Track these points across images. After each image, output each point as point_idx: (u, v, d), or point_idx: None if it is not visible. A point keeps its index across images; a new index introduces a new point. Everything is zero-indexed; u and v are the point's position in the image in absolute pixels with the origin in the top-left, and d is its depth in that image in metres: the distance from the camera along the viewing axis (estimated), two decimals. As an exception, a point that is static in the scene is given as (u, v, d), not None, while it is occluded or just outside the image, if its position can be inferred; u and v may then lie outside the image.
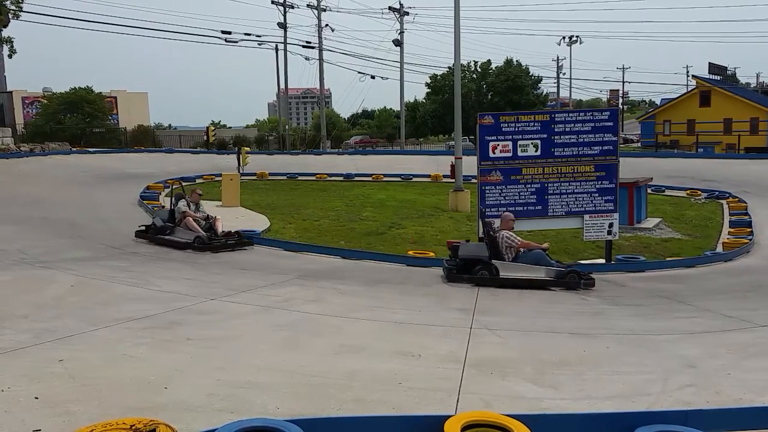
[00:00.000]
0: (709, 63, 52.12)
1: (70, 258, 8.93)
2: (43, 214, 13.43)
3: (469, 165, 16.01)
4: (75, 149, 28.85)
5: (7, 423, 3.25)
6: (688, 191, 21.54)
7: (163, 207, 11.75)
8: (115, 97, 58.29)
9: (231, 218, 14.91)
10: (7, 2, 24.15)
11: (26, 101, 55.60)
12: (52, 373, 4.02)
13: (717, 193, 20.68)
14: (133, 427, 2.94)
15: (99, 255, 9.40)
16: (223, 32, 37.89)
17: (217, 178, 21.20)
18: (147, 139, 42.13)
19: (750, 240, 12.89)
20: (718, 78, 52.13)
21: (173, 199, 11.42)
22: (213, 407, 3.56)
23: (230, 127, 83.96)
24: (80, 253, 9.52)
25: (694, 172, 24.98)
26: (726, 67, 56.93)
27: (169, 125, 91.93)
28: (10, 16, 24.80)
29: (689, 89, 55.06)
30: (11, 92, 30.83)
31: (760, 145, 41.73)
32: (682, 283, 9.08)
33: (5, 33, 25.16)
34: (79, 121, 38.82)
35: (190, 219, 10.88)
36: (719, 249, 12.70)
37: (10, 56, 25.54)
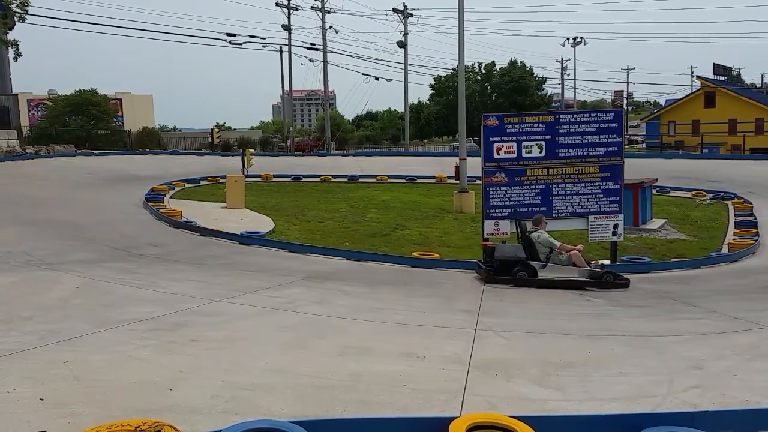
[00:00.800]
0: (714, 64, 51.98)
1: (76, 260, 8.94)
2: (49, 216, 13.46)
3: (474, 166, 16.00)
4: (80, 151, 28.92)
5: (12, 424, 3.26)
6: (693, 192, 21.49)
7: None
8: (120, 99, 58.56)
9: (236, 220, 14.95)
10: (13, 5, 24.25)
11: (32, 104, 55.93)
12: (57, 374, 4.03)
13: (722, 193, 20.63)
14: (138, 429, 2.94)
15: (104, 257, 9.42)
16: (228, 34, 38.16)
17: (222, 180, 21.23)
18: (152, 141, 42.24)
19: (756, 241, 12.85)
20: (723, 79, 52.00)
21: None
22: (218, 409, 3.56)
23: (235, 129, 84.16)
24: (85, 254, 9.53)
25: (699, 172, 24.92)
26: (731, 68, 56.77)
27: (174, 127, 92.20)
28: (16, 19, 24.91)
29: (694, 90, 54.90)
30: (17, 95, 30.94)
31: (765, 146, 41.54)
32: (687, 284, 9.05)
33: (11, 36, 25.26)
34: (84, 123, 38.98)
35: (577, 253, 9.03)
36: (725, 250, 12.67)
37: (15, 59, 25.60)
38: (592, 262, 9.11)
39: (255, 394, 3.83)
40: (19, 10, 24.48)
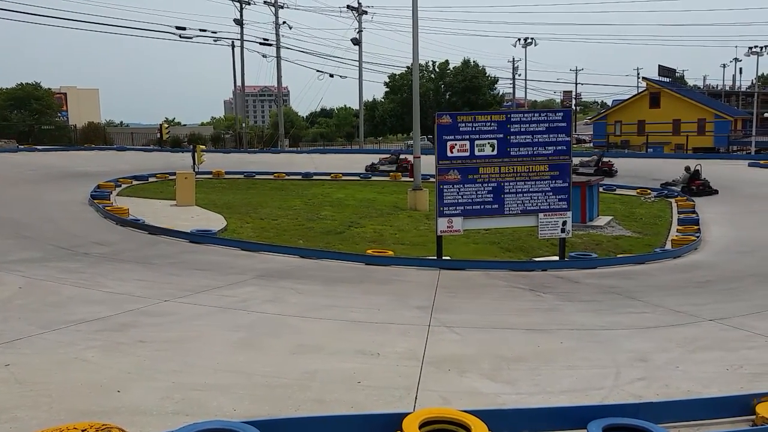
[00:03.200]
0: (659, 65, 53.72)
1: (17, 259, 8.63)
2: (-12, 214, 12.93)
3: (428, 164, 16.11)
4: (22, 147, 27.90)
5: (-51, 431, 3.13)
6: (638, 190, 22.16)
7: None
8: (65, 94, 56.77)
9: (186, 218, 14.67)
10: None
11: (-30, 97, 53.54)
12: (-3, 378, 3.89)
13: (666, 192, 21.35)
14: (85, 432, 2.86)
15: (48, 256, 9.11)
16: (178, 28, 37.27)
17: (172, 177, 20.79)
18: (98, 136, 41.05)
19: (697, 237, 13.34)
20: (668, 80, 53.76)
21: None
22: (167, 410, 3.50)
23: (185, 125, 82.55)
24: (28, 254, 9.21)
25: (644, 171, 25.76)
26: (675, 70, 58.71)
27: (121, 122, 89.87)
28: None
29: (640, 91, 56.62)
30: (-46, 87, 29.65)
31: (707, 146, 43.26)
32: (632, 280, 9.33)
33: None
34: (26, 117, 37.63)
35: None
36: (668, 246, 13.10)
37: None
38: None
39: (206, 395, 3.78)
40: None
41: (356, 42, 43.26)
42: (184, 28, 37.33)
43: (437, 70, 56.51)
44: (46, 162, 19.63)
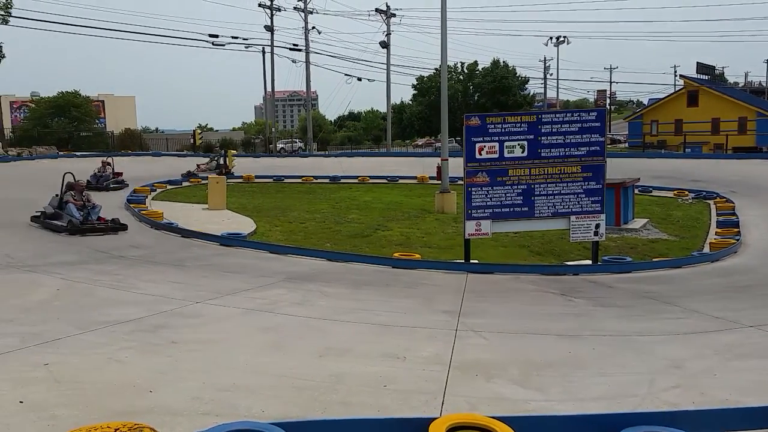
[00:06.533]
0: (697, 62, 52.48)
1: (57, 262, 8.87)
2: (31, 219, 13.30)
3: (456, 167, 16.03)
4: (62, 153, 28.62)
5: (-11, 428, 3.22)
6: (675, 192, 21.67)
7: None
8: (103, 101, 58.09)
9: (217, 221, 14.86)
10: (-4, 8, 23.98)
11: (14, 105, 55.28)
12: (37, 377, 4.00)
13: (704, 193, 20.82)
14: (118, 431, 2.92)
15: (85, 259, 9.34)
16: (210, 35, 37.93)
17: (204, 181, 21.10)
18: (134, 142, 41.93)
19: (737, 240, 12.97)
20: (706, 78, 52.48)
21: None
22: (198, 411, 3.54)
23: (217, 130, 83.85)
24: (66, 257, 9.45)
25: (681, 172, 25.16)
26: (714, 67, 57.36)
27: (156, 129, 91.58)
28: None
29: (677, 89, 55.46)
30: None
31: (748, 145, 42.05)
32: (668, 284, 9.12)
33: (-7, 38, 24.94)
34: (66, 125, 38.60)
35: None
36: (706, 249, 12.77)
37: (-1, 61, 25.37)
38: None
39: (235, 396, 3.82)
40: (2, 12, 24.21)
41: (384, 45, 43.34)
42: (216, 36, 37.98)
43: (466, 71, 56.19)
44: (84, 168, 20.06)
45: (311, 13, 42.83)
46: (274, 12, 42.16)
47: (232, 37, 38.88)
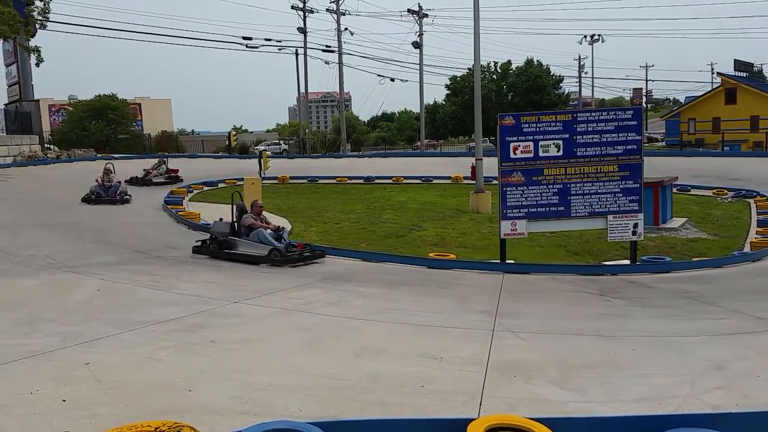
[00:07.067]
0: (735, 59, 51.10)
1: (96, 262, 9.07)
2: (70, 219, 13.65)
3: (491, 166, 15.92)
4: (100, 155, 29.26)
5: (35, 425, 3.31)
6: (714, 190, 21.16)
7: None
8: (139, 104, 59.23)
9: (253, 222, 15.00)
10: (35, 12, 24.64)
11: (53, 109, 56.73)
12: (79, 375, 4.09)
13: (744, 191, 20.29)
14: (158, 429, 2.96)
15: (124, 259, 9.54)
16: (244, 38, 38.39)
17: (239, 182, 21.35)
18: (171, 144, 42.60)
19: (779, 239, 12.61)
20: (744, 75, 51.13)
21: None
22: (236, 409, 3.58)
23: (251, 132, 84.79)
24: (106, 257, 9.66)
25: (720, 170, 24.53)
26: (752, 64, 55.72)
27: (192, 131, 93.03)
28: (37, 26, 25.31)
29: (714, 87, 54.14)
30: (38, 100, 31.39)
31: (787, 143, 40.83)
32: (709, 284, 8.91)
33: (32, 42, 25.69)
34: (103, 127, 39.41)
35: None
36: (747, 249, 12.46)
37: (37, 65, 26.03)
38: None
39: (273, 395, 3.85)
40: (40, 17, 24.87)
41: (417, 45, 43.26)
42: (250, 38, 38.42)
43: (499, 70, 55.80)
44: (122, 169, 20.51)
45: (344, 14, 43.05)
46: (306, 14, 42.47)
47: (266, 39, 39.28)
